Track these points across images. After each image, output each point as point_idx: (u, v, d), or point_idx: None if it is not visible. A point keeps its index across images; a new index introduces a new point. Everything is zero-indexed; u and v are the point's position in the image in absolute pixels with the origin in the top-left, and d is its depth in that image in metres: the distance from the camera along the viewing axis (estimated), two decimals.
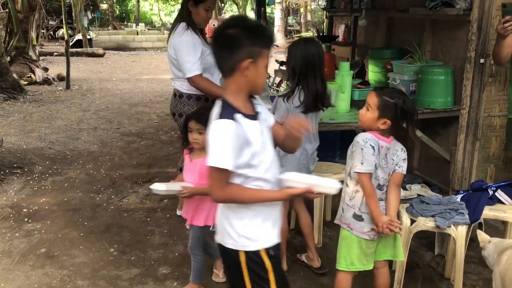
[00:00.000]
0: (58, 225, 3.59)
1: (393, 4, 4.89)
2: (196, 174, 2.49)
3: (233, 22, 1.70)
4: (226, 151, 1.62)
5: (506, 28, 3.02)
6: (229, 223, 1.77)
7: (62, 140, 5.87)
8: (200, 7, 3.19)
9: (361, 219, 2.25)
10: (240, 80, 1.68)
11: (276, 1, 20.79)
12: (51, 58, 15.33)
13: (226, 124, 1.62)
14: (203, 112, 2.47)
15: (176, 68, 3.28)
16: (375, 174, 2.22)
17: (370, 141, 2.18)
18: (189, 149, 2.59)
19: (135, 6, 30.32)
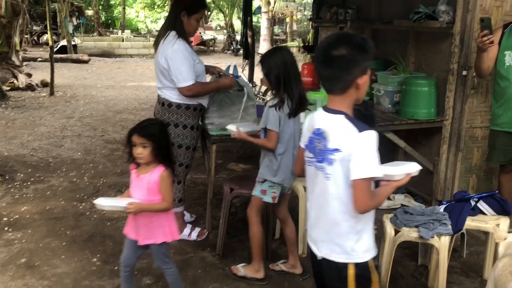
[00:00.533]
0: (40, 234, 3.53)
1: (378, 16, 4.96)
2: (144, 190, 2.41)
3: (341, 41, 1.76)
4: (376, 160, 1.71)
5: (484, 42, 3.11)
6: (341, 237, 1.81)
7: (45, 147, 5.79)
8: (192, 17, 3.21)
9: None
10: (353, 95, 1.78)
11: (262, 10, 20.89)
12: (34, 63, 15.14)
13: (373, 134, 1.72)
14: (146, 125, 2.43)
15: (165, 77, 3.25)
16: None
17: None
18: (135, 164, 2.47)
19: (121, 13, 30.17)
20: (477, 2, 3.55)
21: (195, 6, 3.23)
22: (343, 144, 1.73)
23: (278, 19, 29.40)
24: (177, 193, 3.40)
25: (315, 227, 1.90)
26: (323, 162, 1.80)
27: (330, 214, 1.83)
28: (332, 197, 1.80)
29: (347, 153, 1.72)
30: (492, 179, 3.96)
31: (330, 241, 1.84)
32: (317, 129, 1.83)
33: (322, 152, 1.80)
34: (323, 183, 1.82)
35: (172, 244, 3.39)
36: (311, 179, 1.90)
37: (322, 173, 1.81)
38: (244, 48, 7.95)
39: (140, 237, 2.49)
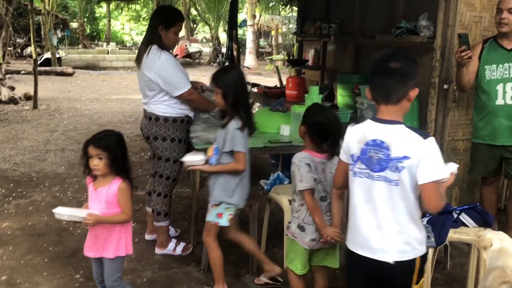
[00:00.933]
0: (21, 250, 3.47)
1: (361, 31, 5.04)
2: (103, 203, 2.39)
3: (398, 55, 1.97)
4: (442, 163, 1.91)
5: (462, 57, 3.18)
6: (410, 236, 1.96)
7: (28, 161, 5.71)
8: (170, 31, 3.22)
9: (303, 230, 2.49)
10: (405, 106, 1.96)
11: (248, 23, 21.08)
12: (18, 76, 14.99)
13: (434, 140, 1.90)
14: (102, 136, 2.40)
15: (153, 90, 3.23)
16: (317, 188, 2.44)
17: (304, 160, 2.42)
18: (92, 176, 2.44)
19: (106, 25, 30.14)
20: (457, 18, 3.62)
21: (172, 19, 3.25)
22: (411, 152, 1.88)
23: (264, 32, 29.66)
24: (163, 207, 3.38)
25: (379, 236, 1.98)
26: (384, 171, 1.92)
27: (399, 217, 1.95)
28: (402, 201, 1.93)
29: (416, 159, 1.87)
30: (475, 191, 4.01)
31: (401, 242, 1.96)
32: (374, 140, 1.94)
33: (384, 161, 1.92)
34: (388, 190, 1.93)
35: (157, 259, 3.37)
36: (365, 190, 1.99)
37: (384, 182, 1.93)
38: (230, 61, 7.98)
39: (96, 250, 2.46)
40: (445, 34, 3.67)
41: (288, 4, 8.60)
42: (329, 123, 2.51)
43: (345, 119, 4.24)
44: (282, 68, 13.35)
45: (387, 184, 1.93)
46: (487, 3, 3.69)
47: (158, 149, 3.31)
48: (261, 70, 20.28)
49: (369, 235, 2.00)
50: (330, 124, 2.51)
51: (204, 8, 26.66)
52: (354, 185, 2.03)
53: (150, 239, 3.64)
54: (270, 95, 5.57)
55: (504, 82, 3.25)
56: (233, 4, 7.52)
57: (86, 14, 29.02)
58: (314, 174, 2.44)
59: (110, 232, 2.43)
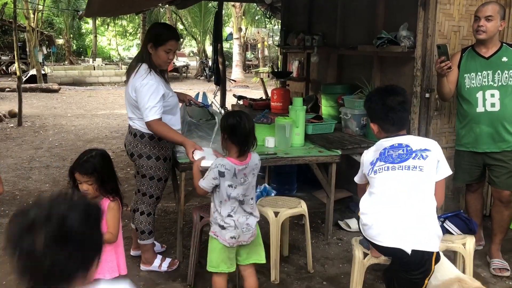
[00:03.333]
0: (3, 271, 3.39)
1: (343, 42, 5.09)
2: None
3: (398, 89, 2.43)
4: None
5: (442, 68, 3.22)
6: (436, 228, 2.22)
7: (11, 179, 5.63)
8: (159, 49, 3.07)
9: (223, 228, 2.59)
10: None
11: (234, 36, 21.17)
12: (2, 94, 14.86)
13: None
14: (85, 160, 2.35)
15: (135, 108, 3.13)
16: (233, 193, 2.56)
17: (219, 167, 2.53)
18: None
19: (93, 41, 30.11)
20: (436, 28, 3.68)
21: (162, 37, 3.10)
22: (431, 147, 2.28)
23: (250, 45, 29.85)
24: (147, 226, 3.32)
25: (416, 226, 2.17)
26: (406, 161, 2.24)
27: (424, 205, 2.21)
28: (426, 186, 2.23)
29: (435, 154, 2.27)
30: (460, 198, 4.04)
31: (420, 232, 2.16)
32: (391, 145, 2.32)
33: (405, 154, 2.26)
34: (410, 175, 2.22)
35: (142, 276, 3.33)
36: (384, 181, 2.27)
37: (406, 170, 2.22)
38: (216, 74, 8.00)
39: None
40: (425, 43, 3.72)
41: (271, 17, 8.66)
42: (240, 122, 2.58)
43: (329, 129, 4.27)
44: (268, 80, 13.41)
45: (410, 171, 2.22)
46: (465, 13, 3.76)
47: (143, 167, 3.22)
48: (248, 82, 20.35)
49: (405, 226, 2.19)
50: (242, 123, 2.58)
51: (191, 22, 26.79)
52: (374, 182, 2.32)
53: (135, 255, 3.59)
54: (256, 107, 5.59)
55: (483, 90, 3.29)
56: (217, 17, 7.55)
57: (72, 30, 28.97)
58: (231, 181, 2.55)
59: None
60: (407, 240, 2.15)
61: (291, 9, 6.60)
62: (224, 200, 2.59)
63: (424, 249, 2.16)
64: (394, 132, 2.36)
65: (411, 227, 2.17)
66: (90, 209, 1.15)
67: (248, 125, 2.58)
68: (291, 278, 3.33)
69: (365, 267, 2.66)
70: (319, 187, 4.28)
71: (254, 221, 2.69)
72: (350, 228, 4.07)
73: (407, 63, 3.99)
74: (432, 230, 2.20)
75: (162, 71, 3.25)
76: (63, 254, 1.08)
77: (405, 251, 2.14)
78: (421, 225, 2.18)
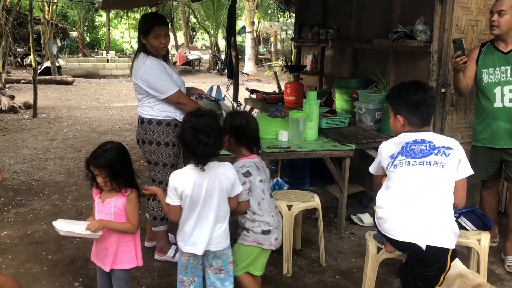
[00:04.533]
0: (20, 259, 3.46)
1: (358, 36, 5.06)
2: (111, 215, 2.38)
3: (425, 85, 2.45)
4: None
5: (457, 63, 3.18)
6: (453, 225, 2.21)
7: (27, 170, 5.71)
8: (149, 38, 3.23)
9: (268, 233, 2.51)
10: None
11: (247, 30, 21.14)
12: (18, 85, 15.04)
13: None
14: (99, 153, 2.34)
15: (140, 94, 3.30)
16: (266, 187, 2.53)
17: (241, 169, 2.46)
18: (98, 188, 2.43)
19: (106, 34, 30.27)
20: (453, 22, 3.64)
21: (146, 26, 3.26)
22: (454, 146, 2.27)
23: (263, 39, 29.77)
24: (159, 211, 3.37)
25: (435, 222, 2.16)
26: (427, 157, 2.23)
27: (439, 201, 2.19)
28: (446, 183, 2.21)
29: (458, 153, 2.25)
30: (474, 194, 4.00)
31: (437, 227, 2.15)
32: (414, 140, 2.31)
33: (427, 150, 2.25)
34: (431, 171, 2.20)
35: (156, 266, 3.36)
36: (403, 176, 2.25)
37: (427, 165, 2.21)
38: (229, 68, 8.00)
39: (107, 263, 2.43)
40: (442, 38, 3.68)
41: (285, 11, 8.62)
42: (248, 123, 2.53)
43: (343, 123, 4.25)
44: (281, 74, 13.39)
45: (431, 166, 2.21)
46: (483, 7, 3.71)
47: (147, 153, 3.35)
48: (260, 76, 20.32)
49: (406, 216, 2.20)
50: (250, 124, 2.54)
51: (203, 15, 26.80)
52: (393, 176, 2.29)
53: (149, 246, 3.63)
54: (269, 101, 5.58)
55: (501, 85, 3.26)
56: (231, 11, 7.54)
57: (85, 23, 29.16)
58: (260, 175, 2.50)
59: (117, 244, 2.41)
60: (423, 236, 2.14)
61: (305, 2, 6.56)
62: (261, 199, 2.50)
63: (440, 245, 2.14)
64: (419, 126, 2.36)
65: (429, 223, 2.16)
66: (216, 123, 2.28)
67: (255, 125, 2.57)
68: (303, 271, 3.34)
69: (379, 262, 2.66)
70: (332, 182, 4.27)
71: (281, 218, 2.64)
72: (363, 223, 4.06)
73: (423, 57, 3.95)
74: (449, 227, 2.18)
75: (165, 58, 3.37)
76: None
77: (420, 246, 2.13)
78: (440, 221, 2.17)
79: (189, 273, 2.41)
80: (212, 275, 2.41)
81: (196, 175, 2.28)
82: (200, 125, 2.23)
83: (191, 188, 2.28)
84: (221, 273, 2.41)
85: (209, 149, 2.23)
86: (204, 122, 2.24)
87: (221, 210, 2.35)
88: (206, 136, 2.21)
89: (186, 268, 2.40)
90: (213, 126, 2.25)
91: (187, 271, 2.40)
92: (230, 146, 2.56)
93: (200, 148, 2.20)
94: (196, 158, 2.26)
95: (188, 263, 2.39)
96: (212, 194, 2.31)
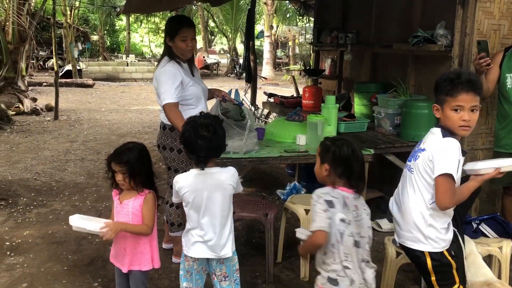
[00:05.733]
0: (41, 258, 3.52)
1: (378, 40, 5.03)
2: (129, 216, 2.39)
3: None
4: (454, 162, 2.03)
5: (481, 64, 3.14)
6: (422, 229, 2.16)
7: (49, 171, 5.82)
8: (176, 40, 3.24)
9: (336, 284, 2.01)
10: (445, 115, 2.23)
11: (265, 34, 21.20)
12: (40, 88, 15.34)
13: (455, 142, 2.07)
14: (122, 151, 2.36)
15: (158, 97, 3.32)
16: (348, 231, 2.02)
17: (324, 196, 2.04)
18: (118, 189, 2.45)
19: (126, 38, 30.66)
20: (475, 26, 3.59)
21: (173, 29, 3.27)
22: (428, 146, 2.13)
23: (281, 43, 29.79)
24: (176, 217, 3.39)
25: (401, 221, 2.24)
26: (410, 161, 2.22)
27: (411, 204, 2.17)
28: (415, 187, 2.16)
29: (428, 153, 2.10)
30: (495, 202, 3.93)
31: (410, 230, 2.18)
32: (418, 144, 2.25)
33: (412, 154, 2.23)
34: (408, 176, 2.21)
35: (174, 268, 3.39)
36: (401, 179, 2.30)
37: (407, 170, 2.22)
38: (247, 72, 8.04)
39: (125, 264, 2.45)
40: (463, 42, 3.63)
41: (304, 15, 8.63)
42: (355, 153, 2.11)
43: (362, 128, 4.23)
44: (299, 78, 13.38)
45: (407, 171, 2.23)
46: (506, 11, 3.65)
47: (167, 159, 3.34)
48: (278, 80, 20.33)
49: (397, 221, 2.28)
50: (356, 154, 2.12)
51: (222, 19, 26.96)
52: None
53: (167, 248, 3.66)
54: (287, 104, 5.59)
55: None
56: (250, 15, 7.58)
57: (106, 26, 29.59)
58: (343, 213, 2.02)
59: (135, 246, 2.42)
60: (398, 236, 2.27)
61: (324, 7, 6.56)
62: (336, 242, 2.01)
63: (409, 246, 2.21)
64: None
65: (401, 224, 2.24)
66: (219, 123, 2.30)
67: (361, 155, 2.17)
68: None
69: (398, 266, 2.64)
70: None
71: (372, 276, 2.07)
72: (381, 229, 4.03)
73: (444, 62, 3.91)
74: (416, 230, 2.17)
75: (190, 62, 3.36)
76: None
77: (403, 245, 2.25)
78: (407, 224, 2.20)
79: (194, 280, 2.37)
80: (217, 283, 2.37)
81: (197, 180, 2.25)
82: (200, 121, 2.22)
83: (192, 193, 2.25)
84: (226, 281, 2.35)
85: (208, 144, 2.17)
86: (204, 119, 2.24)
87: (224, 216, 2.30)
88: (205, 130, 2.18)
89: (191, 275, 2.37)
90: (213, 123, 2.23)
91: (191, 277, 2.37)
92: (328, 177, 2.13)
93: (199, 143, 2.16)
94: (195, 156, 2.20)
95: (193, 269, 2.36)
96: (215, 200, 2.26)
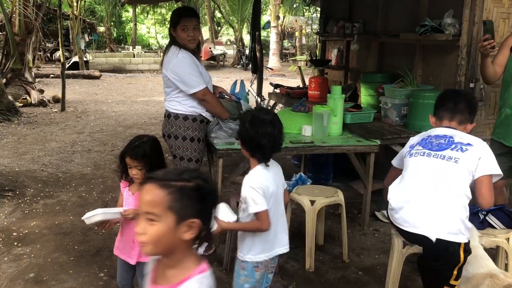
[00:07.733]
0: (48, 249, 3.55)
1: (385, 30, 4.97)
2: None
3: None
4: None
5: (485, 47, 3.01)
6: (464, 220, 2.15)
7: (55, 162, 5.85)
8: (177, 30, 3.26)
9: None
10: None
11: (272, 25, 21.06)
12: (47, 80, 15.38)
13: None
14: (137, 145, 2.34)
15: (169, 87, 3.33)
16: None
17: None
18: (128, 181, 2.43)
19: (132, 29, 30.63)
20: (483, 15, 3.54)
21: (174, 19, 3.30)
22: (474, 142, 2.21)
23: (288, 33, 29.62)
24: None
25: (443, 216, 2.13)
26: (443, 150, 2.21)
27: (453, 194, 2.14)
28: (458, 178, 2.16)
29: (478, 150, 2.18)
30: None
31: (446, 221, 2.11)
32: (437, 135, 2.31)
33: (444, 144, 2.24)
34: (448, 166, 2.18)
35: None
36: (417, 166, 2.27)
37: (441, 159, 2.20)
38: (253, 63, 8.00)
39: (133, 256, 2.44)
40: (471, 31, 3.59)
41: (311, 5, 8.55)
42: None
43: (369, 119, 4.20)
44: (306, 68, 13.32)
45: (445, 160, 2.18)
46: None
47: (172, 147, 3.38)
48: (285, 71, 20.24)
49: (417, 208, 2.18)
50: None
51: (228, 10, 26.82)
52: (408, 164, 2.32)
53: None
54: (293, 95, 5.56)
55: None
56: (256, 5, 7.53)
57: (112, 18, 29.55)
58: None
59: None
60: (433, 228, 2.12)
61: None
62: None
63: (450, 240, 2.11)
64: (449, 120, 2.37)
65: (438, 216, 2.13)
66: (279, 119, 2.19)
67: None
68: (326, 266, 3.32)
69: (404, 257, 2.62)
70: (356, 177, 4.22)
71: None
72: (387, 220, 4.00)
73: (452, 52, 3.86)
74: (460, 221, 2.13)
75: (194, 53, 3.37)
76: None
77: (430, 239, 2.12)
78: (450, 215, 2.13)
79: (263, 284, 2.24)
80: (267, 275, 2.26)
81: (271, 174, 2.16)
82: (262, 117, 2.12)
83: (273, 185, 2.15)
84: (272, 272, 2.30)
85: (274, 140, 2.11)
86: (265, 115, 2.14)
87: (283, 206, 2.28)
88: (270, 127, 2.09)
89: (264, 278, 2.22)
90: (275, 119, 2.15)
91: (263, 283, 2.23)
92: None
93: (266, 140, 2.08)
94: (260, 153, 2.11)
95: (265, 274, 2.22)
96: (280, 191, 2.24)
